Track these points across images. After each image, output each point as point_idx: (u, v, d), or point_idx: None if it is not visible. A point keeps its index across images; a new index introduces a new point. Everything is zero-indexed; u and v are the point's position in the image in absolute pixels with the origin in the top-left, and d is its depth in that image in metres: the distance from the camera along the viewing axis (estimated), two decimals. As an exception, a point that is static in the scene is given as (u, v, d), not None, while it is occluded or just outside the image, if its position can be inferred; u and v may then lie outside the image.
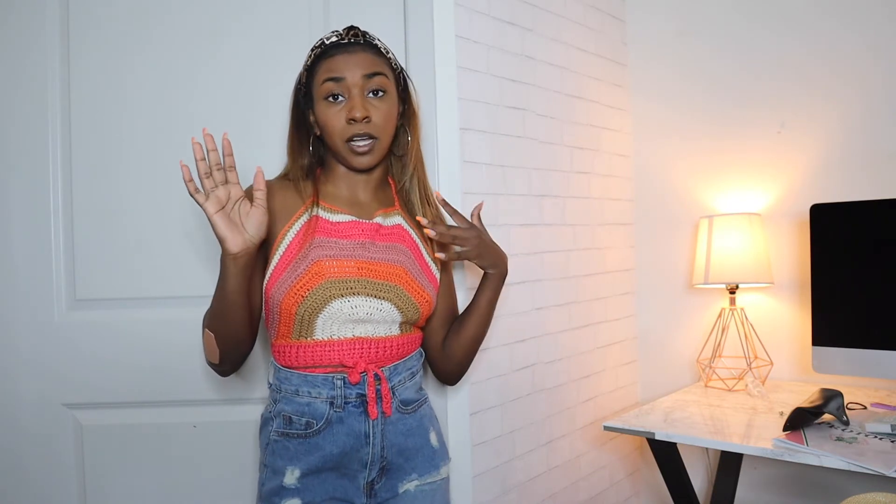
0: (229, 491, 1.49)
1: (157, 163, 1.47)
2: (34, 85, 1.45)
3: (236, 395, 1.48)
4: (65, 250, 1.46)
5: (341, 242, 1.17)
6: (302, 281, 1.11)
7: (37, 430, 1.46)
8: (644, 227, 2.26)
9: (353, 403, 1.15)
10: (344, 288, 1.12)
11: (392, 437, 1.18)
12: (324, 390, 1.14)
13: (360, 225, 1.20)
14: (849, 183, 1.89)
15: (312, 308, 1.11)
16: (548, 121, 1.88)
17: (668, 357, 2.22)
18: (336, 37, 1.17)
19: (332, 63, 1.14)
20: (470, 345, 1.32)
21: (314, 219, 1.17)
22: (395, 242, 1.22)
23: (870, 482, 1.35)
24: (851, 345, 1.66)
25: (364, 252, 1.17)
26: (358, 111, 1.12)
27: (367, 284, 1.14)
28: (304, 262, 1.13)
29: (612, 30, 2.18)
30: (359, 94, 1.14)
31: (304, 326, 1.13)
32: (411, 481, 1.21)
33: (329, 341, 1.14)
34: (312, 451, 1.14)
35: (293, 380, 1.15)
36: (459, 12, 1.59)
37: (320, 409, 1.14)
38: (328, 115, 1.15)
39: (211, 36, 1.49)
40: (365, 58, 1.15)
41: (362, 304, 1.13)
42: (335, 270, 1.13)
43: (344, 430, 1.15)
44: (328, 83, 1.14)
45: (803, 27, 1.95)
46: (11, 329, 1.45)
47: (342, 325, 1.13)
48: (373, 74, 1.15)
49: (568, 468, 1.93)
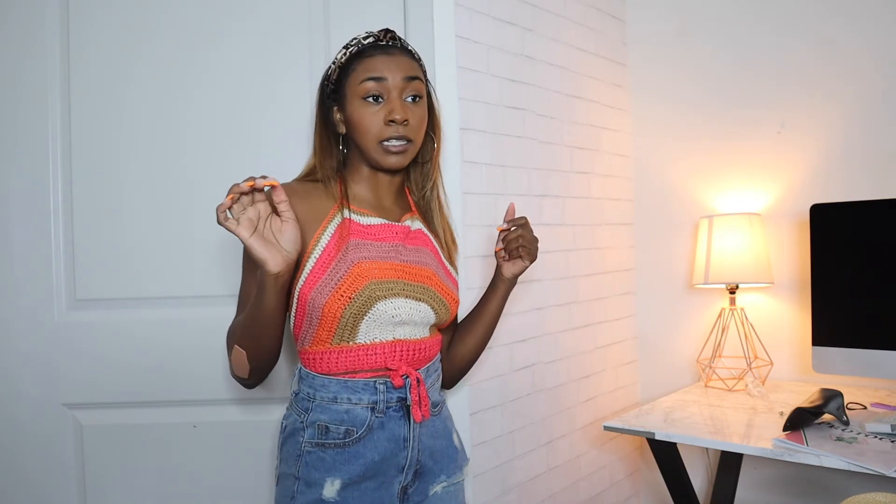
0: (229, 491, 1.49)
1: (157, 163, 1.47)
2: (34, 85, 1.45)
3: (236, 396, 1.48)
4: (65, 250, 1.46)
5: (376, 245, 1.15)
6: (345, 283, 1.08)
7: (37, 430, 1.46)
8: (644, 227, 2.26)
9: (393, 408, 1.13)
10: (386, 290, 1.11)
11: (425, 439, 1.17)
12: (365, 395, 1.11)
13: (392, 227, 1.18)
14: (849, 183, 1.89)
15: (358, 310, 1.09)
16: (548, 121, 1.88)
17: (668, 357, 2.22)
18: (373, 37, 1.15)
19: (373, 63, 1.12)
20: (476, 350, 1.32)
21: (346, 221, 1.14)
22: (421, 246, 1.21)
23: (870, 482, 1.35)
24: (851, 345, 1.66)
25: (397, 255, 1.16)
26: (398, 113, 1.10)
27: (405, 286, 1.13)
28: (343, 264, 1.10)
29: (612, 30, 2.18)
30: (398, 97, 1.12)
31: (348, 330, 1.10)
32: (440, 483, 1.20)
33: (372, 345, 1.11)
34: (353, 459, 1.11)
35: (331, 387, 1.12)
36: (459, 12, 1.59)
37: (361, 416, 1.12)
38: (364, 114, 1.12)
39: (211, 35, 1.48)
40: (404, 61, 1.13)
41: (403, 306, 1.12)
42: (377, 272, 1.11)
43: (385, 436, 1.12)
44: (368, 83, 1.11)
45: (803, 27, 1.95)
46: (11, 329, 1.45)
47: (384, 328, 1.12)
48: (412, 78, 1.13)
49: (568, 468, 1.93)
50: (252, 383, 1.15)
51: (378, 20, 1.53)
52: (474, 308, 1.33)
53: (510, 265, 1.28)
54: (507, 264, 1.29)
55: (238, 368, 1.11)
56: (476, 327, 1.31)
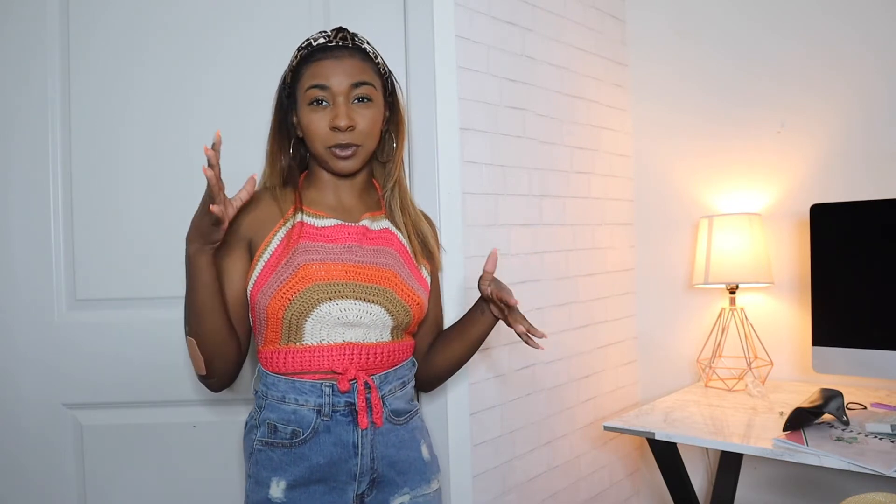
0: (229, 491, 1.49)
1: (156, 163, 1.47)
2: (34, 85, 1.45)
3: (236, 396, 1.48)
4: (65, 250, 1.46)
5: (327, 246, 1.14)
6: (288, 284, 1.09)
7: (37, 430, 1.46)
8: (644, 227, 2.26)
9: (341, 412, 1.12)
10: (332, 291, 1.10)
11: (383, 448, 1.15)
12: (311, 398, 1.11)
13: (347, 228, 1.18)
14: (849, 183, 1.89)
15: (300, 312, 1.09)
16: (548, 121, 1.88)
17: (668, 357, 2.22)
18: (324, 38, 1.14)
19: (319, 68, 1.12)
20: (453, 366, 1.30)
21: (298, 225, 1.15)
22: (383, 246, 1.20)
23: (870, 482, 1.35)
24: (851, 345, 1.66)
25: (351, 255, 1.15)
26: (342, 119, 1.10)
27: (355, 288, 1.12)
28: (289, 266, 1.11)
29: (612, 30, 2.18)
30: (344, 102, 1.11)
31: (293, 331, 1.11)
32: (403, 495, 1.18)
33: (318, 346, 1.11)
34: (298, 461, 1.11)
35: (280, 386, 1.12)
36: (459, 12, 1.59)
37: (307, 418, 1.11)
38: (311, 119, 1.12)
39: (211, 36, 1.49)
40: (352, 64, 1.12)
41: (351, 308, 1.11)
42: (322, 274, 1.11)
43: (331, 440, 1.11)
44: (313, 89, 1.12)
45: (803, 27, 1.96)
46: (11, 329, 1.45)
47: (332, 330, 1.11)
48: (359, 84, 1.12)
49: (568, 468, 1.93)
50: (213, 382, 1.15)
51: (378, 20, 1.53)
52: (459, 323, 1.29)
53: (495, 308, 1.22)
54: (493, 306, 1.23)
55: (196, 364, 1.12)
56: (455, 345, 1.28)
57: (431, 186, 1.53)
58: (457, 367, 1.31)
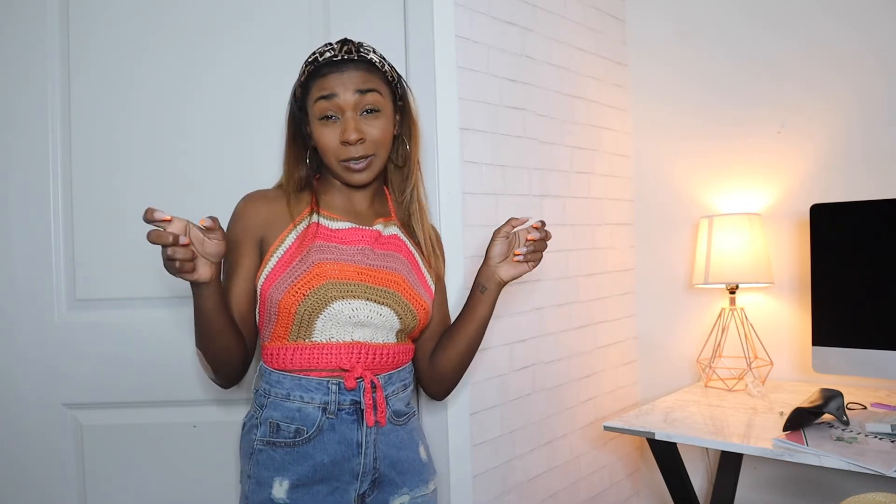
0: (229, 491, 1.49)
1: (156, 163, 1.47)
2: (34, 85, 1.46)
3: (236, 396, 1.48)
4: (65, 250, 1.46)
5: (341, 248, 1.16)
6: (303, 280, 1.10)
7: (37, 430, 1.46)
8: (644, 227, 2.26)
9: (346, 410, 1.13)
10: (345, 290, 1.11)
11: (385, 448, 1.16)
12: (317, 395, 1.12)
13: (361, 231, 1.19)
14: (849, 183, 1.89)
15: (313, 308, 1.10)
16: (548, 121, 1.88)
17: (668, 357, 2.22)
18: (330, 52, 1.14)
19: (325, 82, 1.12)
20: (461, 359, 1.27)
21: (314, 225, 1.16)
22: (393, 251, 1.21)
23: (870, 482, 1.35)
24: (851, 345, 1.66)
25: (363, 258, 1.17)
26: (351, 133, 1.10)
27: (366, 289, 1.13)
28: (304, 263, 1.12)
29: (612, 30, 2.18)
30: (352, 115, 1.12)
31: (304, 327, 1.11)
32: (403, 496, 1.19)
33: (328, 344, 1.12)
34: (301, 460, 1.11)
35: (285, 383, 1.13)
36: (459, 12, 1.59)
37: (312, 416, 1.12)
38: (322, 133, 1.13)
39: (210, 36, 1.49)
40: (356, 75, 1.12)
41: (362, 308, 1.12)
42: (336, 273, 1.12)
43: (335, 438, 1.12)
44: (321, 102, 1.12)
45: (803, 27, 1.95)
46: (11, 329, 1.45)
47: (342, 328, 1.12)
48: (366, 91, 1.12)
49: (568, 468, 1.93)
50: (222, 383, 1.17)
51: (378, 20, 1.53)
52: (460, 315, 1.29)
53: (510, 268, 1.25)
54: (505, 266, 1.25)
55: (204, 369, 1.14)
56: (461, 333, 1.26)
57: (431, 186, 1.53)
58: (464, 360, 1.28)
